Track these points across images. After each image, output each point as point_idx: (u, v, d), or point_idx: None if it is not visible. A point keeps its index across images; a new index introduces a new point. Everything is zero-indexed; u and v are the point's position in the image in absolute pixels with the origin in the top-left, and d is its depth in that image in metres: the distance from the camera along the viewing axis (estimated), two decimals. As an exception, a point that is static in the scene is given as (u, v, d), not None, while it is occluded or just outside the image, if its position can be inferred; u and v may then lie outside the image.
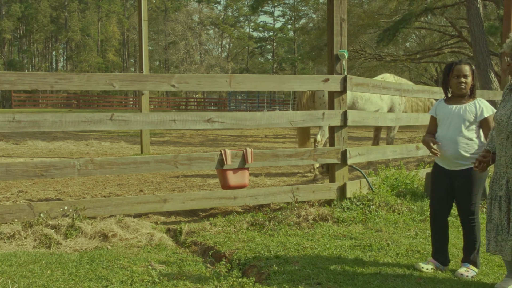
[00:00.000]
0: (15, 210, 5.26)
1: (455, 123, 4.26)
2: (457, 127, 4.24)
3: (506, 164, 3.73)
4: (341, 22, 6.68)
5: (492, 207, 3.81)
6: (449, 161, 4.28)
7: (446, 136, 4.29)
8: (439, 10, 24.52)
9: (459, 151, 4.19)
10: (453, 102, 4.34)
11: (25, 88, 5.41)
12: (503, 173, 3.75)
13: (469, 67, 4.29)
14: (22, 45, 72.88)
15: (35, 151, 14.27)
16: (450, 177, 4.29)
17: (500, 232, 3.74)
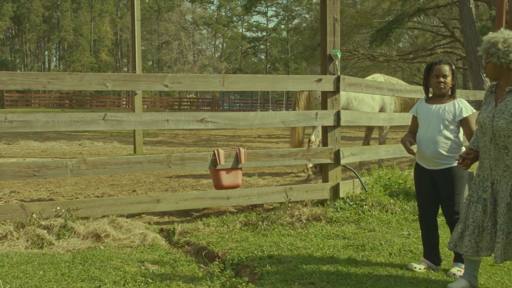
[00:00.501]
0: (7, 211, 5.23)
1: (434, 122, 4.27)
2: (436, 126, 4.25)
3: (490, 167, 3.73)
4: (334, 22, 6.69)
5: (474, 209, 3.77)
6: (428, 161, 4.30)
7: (425, 136, 4.30)
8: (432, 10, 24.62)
9: (438, 150, 4.21)
10: (433, 102, 4.35)
11: (17, 88, 5.39)
12: (487, 175, 3.75)
13: (448, 67, 4.30)
14: (14, 44, 72.56)
15: (28, 151, 14.21)
16: (432, 176, 4.30)
17: (480, 234, 3.72)
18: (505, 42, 3.62)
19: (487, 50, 3.68)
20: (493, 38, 3.67)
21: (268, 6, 69.93)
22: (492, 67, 3.71)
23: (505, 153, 3.63)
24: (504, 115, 3.59)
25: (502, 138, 3.61)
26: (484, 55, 3.73)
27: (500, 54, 3.62)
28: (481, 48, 3.74)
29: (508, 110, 3.59)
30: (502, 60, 3.62)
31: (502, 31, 3.71)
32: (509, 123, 3.56)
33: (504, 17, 13.33)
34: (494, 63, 3.67)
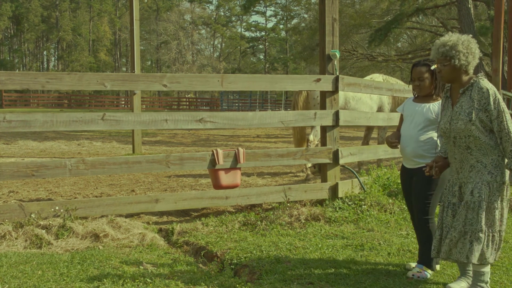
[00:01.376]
0: (5, 211, 5.23)
1: (416, 121, 4.25)
2: (418, 125, 4.23)
3: (457, 170, 3.75)
4: (332, 22, 6.69)
5: (445, 214, 3.78)
6: (408, 159, 4.29)
7: (407, 134, 4.28)
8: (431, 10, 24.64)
9: (417, 149, 4.19)
10: (419, 101, 4.33)
11: (15, 88, 5.39)
12: (455, 179, 3.77)
13: (425, 68, 4.22)
14: (13, 44, 72.50)
15: (26, 151, 14.20)
16: (411, 175, 4.28)
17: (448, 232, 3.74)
18: (463, 44, 3.64)
19: (446, 53, 3.67)
20: (449, 41, 3.67)
21: (266, 6, 69.91)
22: (450, 70, 3.71)
23: (469, 153, 3.66)
24: (461, 116, 3.64)
25: (463, 139, 3.65)
26: (440, 58, 3.71)
27: (461, 56, 3.63)
28: (437, 52, 3.72)
29: (464, 110, 3.64)
30: (462, 62, 3.65)
31: (451, 34, 3.73)
32: (466, 123, 3.60)
33: (502, 17, 13.35)
34: (454, 65, 3.67)
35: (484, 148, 3.62)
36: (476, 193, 3.60)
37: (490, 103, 3.57)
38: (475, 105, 3.61)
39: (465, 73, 3.73)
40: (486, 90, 3.59)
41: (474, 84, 3.66)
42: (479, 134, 3.60)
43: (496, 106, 3.57)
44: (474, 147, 3.64)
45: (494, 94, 3.59)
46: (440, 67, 3.73)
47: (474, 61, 3.70)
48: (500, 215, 3.65)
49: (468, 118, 3.61)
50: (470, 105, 3.63)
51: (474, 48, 3.68)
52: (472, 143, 3.64)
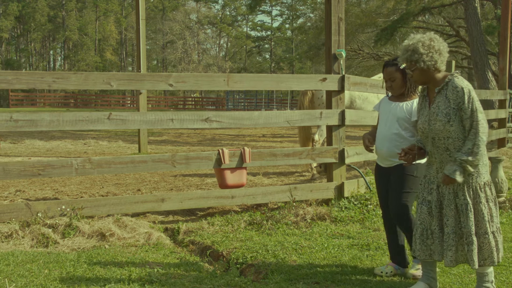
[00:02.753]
0: (12, 210, 5.25)
1: (390, 120, 4.16)
2: (392, 124, 4.13)
3: (437, 169, 3.68)
4: (339, 22, 6.68)
5: (420, 211, 3.72)
6: (383, 159, 4.20)
7: (381, 133, 4.20)
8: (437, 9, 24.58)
9: (392, 148, 4.07)
10: (394, 100, 4.23)
11: (22, 87, 5.41)
12: (433, 178, 3.70)
13: (395, 68, 4.11)
14: (19, 44, 72.79)
15: (33, 150, 14.25)
16: (387, 174, 4.19)
17: (430, 237, 3.67)
18: (424, 45, 3.57)
19: (410, 58, 3.61)
20: (410, 46, 3.60)
21: (272, 5, 69.91)
22: (420, 73, 3.64)
23: (448, 154, 3.59)
24: (439, 117, 3.56)
25: (442, 140, 3.58)
26: (407, 64, 3.65)
27: (425, 57, 3.56)
28: (401, 58, 3.67)
29: (441, 111, 3.56)
30: (428, 63, 3.58)
31: (414, 36, 3.66)
32: (445, 124, 3.53)
33: (509, 16, 13.29)
34: (421, 68, 3.60)
35: None
36: (461, 195, 3.54)
37: (464, 101, 3.47)
38: (451, 105, 3.52)
39: (437, 71, 3.64)
40: (461, 89, 3.50)
41: (449, 83, 3.57)
42: (459, 135, 3.52)
43: (470, 105, 3.47)
44: (453, 149, 3.55)
45: (468, 92, 3.49)
46: (410, 72, 3.68)
47: (442, 57, 3.61)
48: (489, 216, 3.57)
49: (446, 119, 3.52)
50: (447, 105, 3.54)
51: (438, 45, 3.59)
52: (451, 145, 3.55)
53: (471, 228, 3.51)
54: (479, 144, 3.45)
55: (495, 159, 6.81)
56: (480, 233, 3.54)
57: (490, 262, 3.57)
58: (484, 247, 3.55)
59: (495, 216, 3.60)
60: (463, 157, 3.44)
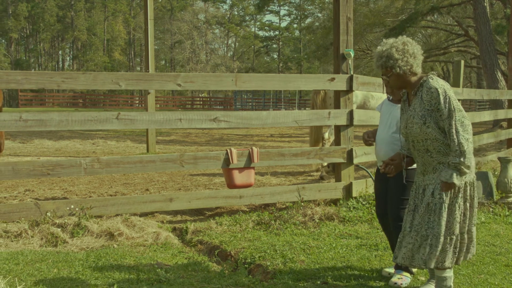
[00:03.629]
0: (22, 209, 5.28)
1: (390, 122, 4.10)
2: (392, 126, 4.07)
3: (422, 172, 3.61)
4: (347, 21, 6.67)
5: (412, 218, 3.60)
6: (382, 162, 4.05)
7: (380, 136, 4.14)
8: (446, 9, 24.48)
9: (390, 152, 3.98)
10: (396, 101, 4.15)
11: (31, 87, 5.44)
12: (421, 181, 3.62)
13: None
14: (28, 44, 73.17)
15: (42, 150, 14.32)
16: (387, 179, 4.09)
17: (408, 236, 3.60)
18: (397, 50, 3.50)
19: (385, 64, 3.55)
20: (384, 52, 3.54)
21: (280, 5, 69.93)
22: (396, 79, 3.58)
23: (429, 156, 3.51)
24: (415, 120, 3.49)
25: (421, 142, 3.51)
26: (382, 70, 3.60)
27: (400, 62, 3.50)
28: (377, 65, 3.61)
29: (417, 113, 3.48)
30: (404, 68, 3.50)
31: (386, 41, 3.59)
32: (421, 126, 3.45)
33: (519, 16, 13.20)
34: (397, 73, 3.54)
35: (443, 149, 3.45)
36: (437, 194, 3.46)
37: (440, 102, 3.38)
38: (426, 107, 3.44)
39: (413, 75, 3.56)
40: (435, 90, 3.40)
41: (423, 84, 3.50)
42: (436, 136, 3.43)
43: (447, 105, 3.37)
44: (433, 149, 3.48)
45: (444, 92, 3.39)
46: (386, 78, 3.61)
47: (417, 61, 3.54)
48: (462, 216, 3.48)
49: (422, 121, 3.45)
50: (422, 107, 3.47)
51: (412, 49, 3.53)
52: (430, 146, 3.48)
53: (442, 228, 3.42)
54: (462, 143, 3.32)
55: (505, 159, 6.77)
56: (446, 233, 3.45)
57: (446, 264, 3.48)
58: (446, 248, 3.46)
59: (468, 218, 3.51)
60: (455, 160, 3.34)
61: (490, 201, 6.56)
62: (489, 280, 4.06)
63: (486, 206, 6.44)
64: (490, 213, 6.23)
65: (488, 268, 4.33)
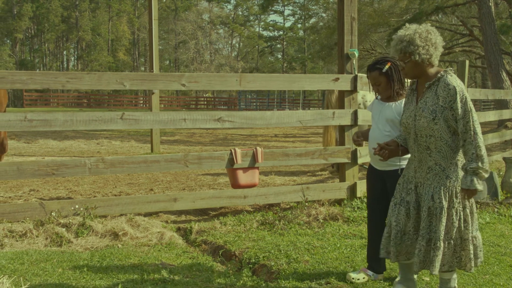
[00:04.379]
0: (26, 209, 5.29)
1: (381, 121, 4.03)
2: (383, 125, 4.01)
3: (415, 168, 3.54)
4: (351, 21, 6.66)
5: (397, 211, 3.56)
6: (377, 161, 4.05)
7: (373, 135, 4.08)
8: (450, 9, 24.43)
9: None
10: (385, 100, 4.09)
11: (36, 88, 5.45)
12: (411, 177, 3.55)
13: (378, 72, 4.00)
14: (33, 44, 73.37)
15: (46, 150, 14.36)
16: (383, 177, 4.04)
17: (406, 240, 3.53)
18: (421, 37, 3.38)
19: (405, 49, 3.42)
20: (406, 36, 3.41)
21: (284, 5, 69.89)
22: (413, 66, 3.46)
23: (428, 154, 3.44)
24: (425, 113, 3.39)
25: (424, 138, 3.42)
26: (400, 55, 3.48)
27: (421, 50, 3.38)
28: (396, 48, 3.47)
29: (428, 107, 3.38)
30: (423, 57, 3.39)
31: (409, 26, 3.46)
32: (429, 121, 3.36)
33: (524, 15, 13.16)
34: (415, 61, 3.42)
35: (444, 150, 3.38)
36: (436, 198, 3.39)
37: (456, 101, 3.28)
38: (439, 103, 3.34)
39: (430, 66, 3.47)
40: (453, 87, 3.30)
41: (441, 79, 3.39)
42: (442, 135, 3.35)
43: (463, 105, 3.28)
44: (434, 148, 3.40)
45: (461, 92, 3.30)
46: (402, 64, 3.50)
47: (437, 52, 3.44)
48: (459, 222, 3.40)
49: (432, 116, 3.35)
50: (434, 102, 3.37)
51: (435, 38, 3.41)
52: (432, 144, 3.40)
53: (441, 233, 3.36)
54: (480, 146, 3.25)
55: (510, 159, 6.76)
56: (446, 238, 3.40)
57: (448, 268, 3.43)
58: (446, 253, 3.41)
59: (469, 223, 3.43)
60: (473, 165, 3.25)
61: (495, 202, 6.54)
62: (494, 280, 4.05)
63: (491, 206, 6.42)
64: (495, 213, 6.22)
65: (493, 268, 4.32)
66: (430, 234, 3.42)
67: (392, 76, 3.99)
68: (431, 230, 3.42)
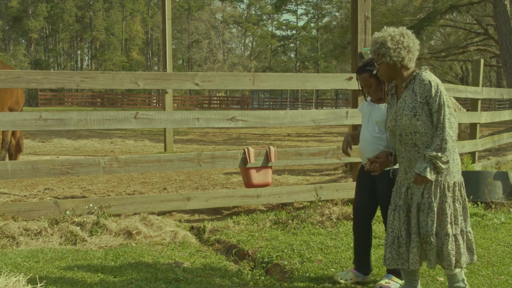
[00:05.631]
0: (41, 207, 5.34)
1: (371, 122, 3.98)
2: (373, 127, 3.96)
3: (405, 170, 3.52)
4: (365, 20, 6.64)
5: (392, 218, 3.55)
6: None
7: (363, 136, 4.03)
8: (465, 7, 24.24)
9: (373, 152, 3.86)
10: (376, 101, 4.03)
11: (51, 87, 5.49)
12: (403, 180, 3.54)
13: (368, 74, 3.92)
14: (48, 44, 73.94)
15: (61, 149, 14.46)
16: (373, 179, 3.96)
17: (402, 245, 3.49)
18: (393, 40, 3.42)
19: (377, 51, 3.47)
20: (380, 38, 3.46)
21: (298, 4, 69.84)
22: (386, 68, 3.50)
23: (416, 151, 3.43)
24: (405, 112, 3.41)
25: (409, 135, 3.43)
26: (375, 57, 3.53)
27: (391, 52, 3.42)
28: (371, 50, 3.54)
29: (408, 105, 3.41)
30: (394, 59, 3.43)
31: (386, 29, 3.51)
32: (411, 118, 3.38)
33: (540, 14, 13.04)
34: (387, 63, 3.46)
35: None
36: (425, 194, 3.39)
37: (431, 95, 3.33)
38: (418, 99, 3.38)
39: (405, 69, 3.49)
40: (428, 82, 3.35)
41: (416, 77, 3.43)
42: (426, 130, 3.37)
43: (438, 98, 3.33)
44: (421, 144, 3.40)
45: (436, 86, 3.34)
46: (377, 66, 3.56)
47: (410, 55, 3.45)
48: (453, 217, 3.40)
49: (412, 113, 3.38)
50: (413, 99, 3.40)
51: (407, 41, 3.43)
52: (418, 140, 3.40)
53: (431, 228, 3.36)
54: (447, 139, 3.28)
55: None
56: (441, 234, 3.38)
57: (447, 265, 3.40)
58: (443, 249, 3.39)
59: (460, 219, 3.43)
60: (432, 153, 3.29)
61: (510, 201, 6.48)
62: (509, 281, 4.02)
63: (506, 206, 6.37)
64: (510, 213, 6.16)
65: (508, 269, 4.29)
66: (420, 230, 3.43)
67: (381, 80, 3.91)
68: (420, 226, 3.43)
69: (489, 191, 6.45)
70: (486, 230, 5.53)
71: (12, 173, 5.28)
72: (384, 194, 3.90)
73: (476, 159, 8.91)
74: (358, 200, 4.14)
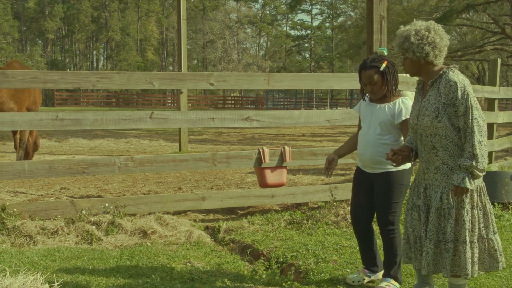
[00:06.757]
0: (58, 207, 5.38)
1: (373, 123, 3.86)
2: (375, 128, 3.84)
3: (423, 170, 3.42)
4: (380, 20, 6.61)
5: (410, 217, 3.45)
6: (366, 165, 3.91)
7: (364, 138, 3.92)
8: (481, 6, 24.03)
9: (376, 155, 3.79)
10: (376, 101, 3.92)
11: (67, 87, 5.53)
12: (421, 179, 3.44)
13: (374, 71, 3.80)
14: (64, 44, 74.49)
15: (77, 148, 14.57)
16: (371, 180, 3.90)
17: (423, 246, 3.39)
18: (417, 35, 3.30)
19: (401, 46, 3.36)
20: (405, 32, 3.35)
21: (312, 4, 69.67)
22: (409, 63, 3.40)
23: (434, 153, 3.32)
24: (428, 112, 3.28)
25: (429, 137, 3.31)
26: (400, 51, 3.40)
27: (414, 48, 3.30)
28: (395, 43, 3.41)
29: (431, 105, 3.28)
30: (417, 55, 3.31)
31: (414, 22, 3.38)
32: (432, 119, 3.25)
33: (558, 13, 12.90)
34: (411, 58, 3.36)
35: (451, 149, 3.26)
36: (445, 199, 3.26)
37: (457, 97, 3.17)
38: (442, 100, 3.23)
39: (431, 65, 3.36)
40: (454, 83, 3.19)
41: (442, 76, 3.28)
42: (447, 133, 3.24)
43: (464, 101, 3.16)
44: (440, 147, 3.28)
45: (463, 87, 3.18)
46: (402, 60, 3.43)
47: (436, 51, 3.31)
48: (470, 224, 3.25)
49: (434, 114, 3.25)
50: (437, 99, 3.26)
51: (433, 37, 3.29)
52: (437, 143, 3.28)
53: (449, 234, 3.23)
54: (476, 145, 3.13)
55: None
56: (459, 240, 3.24)
57: (464, 274, 3.25)
58: (460, 256, 3.24)
59: (481, 226, 3.30)
60: (467, 162, 3.14)
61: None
62: None
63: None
64: None
65: (504, 272, 4.24)
66: (439, 236, 3.30)
67: (388, 75, 3.84)
68: (439, 232, 3.30)
69: (506, 191, 6.39)
70: (504, 231, 5.48)
71: (29, 172, 5.34)
72: (381, 194, 3.84)
73: (493, 159, 8.83)
74: (355, 202, 4.06)
